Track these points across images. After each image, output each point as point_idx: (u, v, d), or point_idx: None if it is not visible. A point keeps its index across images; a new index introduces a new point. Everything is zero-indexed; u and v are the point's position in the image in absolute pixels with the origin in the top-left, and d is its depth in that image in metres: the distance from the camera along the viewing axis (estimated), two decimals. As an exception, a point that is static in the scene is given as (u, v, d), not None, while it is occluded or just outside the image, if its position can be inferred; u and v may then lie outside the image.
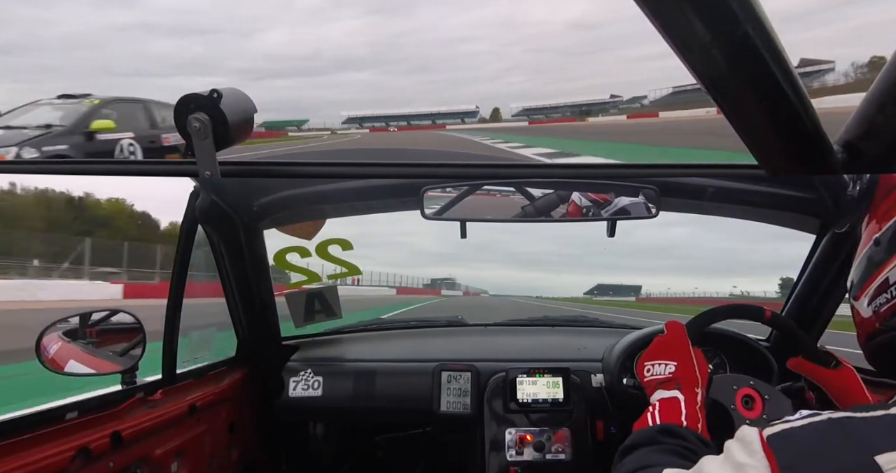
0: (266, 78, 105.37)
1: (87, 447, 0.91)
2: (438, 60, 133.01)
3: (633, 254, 19.88)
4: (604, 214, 1.21)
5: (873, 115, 0.69)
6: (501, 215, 1.22)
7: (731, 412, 1.03)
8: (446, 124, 40.60)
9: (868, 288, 0.62)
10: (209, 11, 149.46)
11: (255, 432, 1.58)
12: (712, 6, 0.46)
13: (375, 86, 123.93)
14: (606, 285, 13.13)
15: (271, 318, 1.63)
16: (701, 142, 11.55)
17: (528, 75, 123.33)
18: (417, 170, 1.15)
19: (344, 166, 1.15)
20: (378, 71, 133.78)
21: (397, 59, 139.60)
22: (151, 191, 5.94)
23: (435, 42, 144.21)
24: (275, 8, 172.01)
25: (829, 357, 1.07)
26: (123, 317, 1.21)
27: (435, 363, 1.54)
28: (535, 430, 1.40)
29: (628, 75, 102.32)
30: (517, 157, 12.26)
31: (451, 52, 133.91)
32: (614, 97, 44.88)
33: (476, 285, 23.64)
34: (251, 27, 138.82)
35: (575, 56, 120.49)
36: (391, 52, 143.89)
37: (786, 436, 0.47)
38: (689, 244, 27.93)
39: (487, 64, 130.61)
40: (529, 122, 38.54)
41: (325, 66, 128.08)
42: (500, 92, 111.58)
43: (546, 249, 29.05)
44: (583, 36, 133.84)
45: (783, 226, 1.50)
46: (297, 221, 1.55)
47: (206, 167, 0.82)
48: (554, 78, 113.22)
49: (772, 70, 0.55)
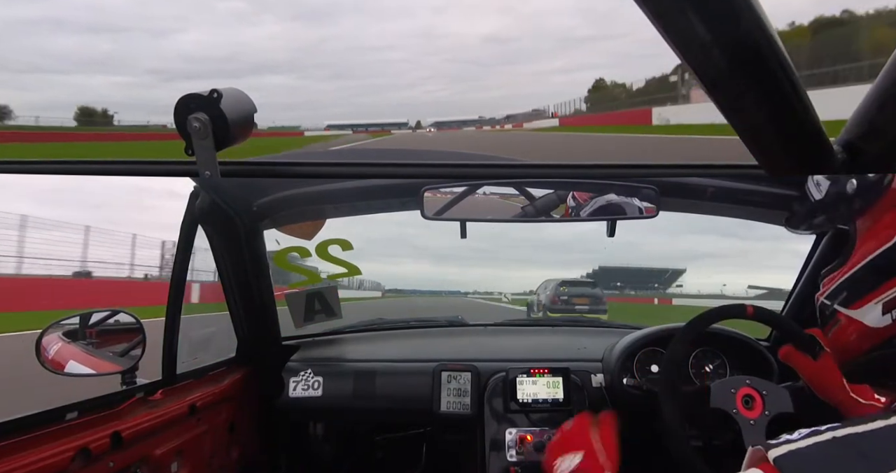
0: (178, 79, 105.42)
1: (86, 447, 0.91)
2: (357, 67, 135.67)
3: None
4: (602, 214, 1.21)
5: (873, 115, 0.69)
6: (501, 215, 1.22)
7: (734, 416, 1.04)
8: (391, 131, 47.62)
9: (884, 293, 0.58)
10: (123, 10, 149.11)
11: (256, 432, 1.58)
12: (712, 6, 0.46)
13: (293, 90, 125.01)
14: (571, 280, 10.84)
15: (271, 318, 1.63)
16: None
17: (444, 84, 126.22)
18: (417, 170, 1.14)
19: (344, 166, 1.15)
20: (296, 75, 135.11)
21: (316, 65, 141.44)
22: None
23: (354, 49, 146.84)
24: (193, 9, 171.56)
25: (814, 343, 1.08)
26: (123, 318, 1.22)
27: (435, 363, 1.54)
28: (535, 430, 1.40)
29: (535, 86, 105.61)
30: (515, 157, 12.39)
31: (370, 59, 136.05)
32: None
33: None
34: (166, 27, 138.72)
35: (488, 67, 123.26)
36: (310, 57, 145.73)
37: (795, 457, 0.46)
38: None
39: (406, 72, 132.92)
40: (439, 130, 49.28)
41: (242, 69, 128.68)
42: (418, 99, 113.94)
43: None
44: (496, 49, 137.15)
45: (783, 226, 1.50)
46: (297, 221, 1.55)
47: (206, 167, 0.82)
48: (469, 87, 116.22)
49: (772, 70, 0.55)
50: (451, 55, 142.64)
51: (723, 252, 30.61)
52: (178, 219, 1.31)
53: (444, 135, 33.54)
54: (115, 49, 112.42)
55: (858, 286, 0.61)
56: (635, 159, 6.40)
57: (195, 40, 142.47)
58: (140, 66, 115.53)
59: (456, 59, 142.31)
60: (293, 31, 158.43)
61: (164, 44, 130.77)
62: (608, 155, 11.41)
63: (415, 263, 32.47)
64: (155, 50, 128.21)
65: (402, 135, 35.04)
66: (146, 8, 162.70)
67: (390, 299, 19.37)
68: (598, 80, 33.40)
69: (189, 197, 1.31)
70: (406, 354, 1.67)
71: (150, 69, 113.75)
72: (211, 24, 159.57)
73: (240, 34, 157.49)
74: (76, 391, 1.00)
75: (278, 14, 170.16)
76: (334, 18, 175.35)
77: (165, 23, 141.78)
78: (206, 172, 0.82)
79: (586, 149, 13.18)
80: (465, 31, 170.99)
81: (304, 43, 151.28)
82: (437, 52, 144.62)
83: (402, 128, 48.06)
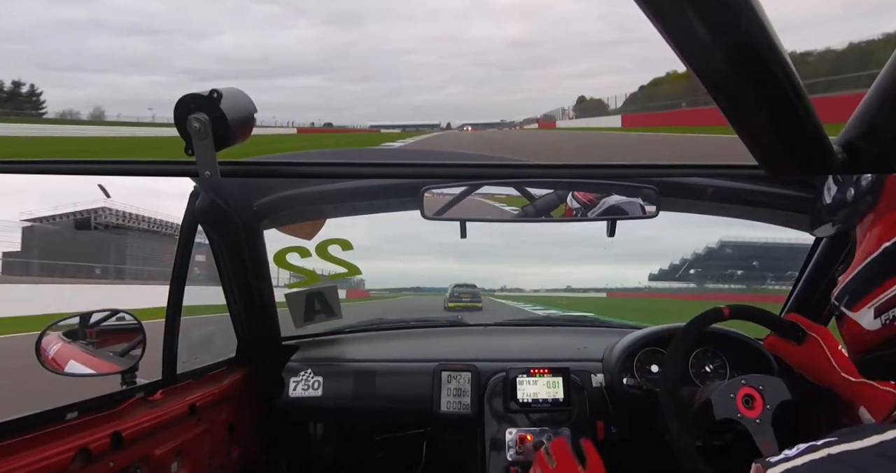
0: (210, 79, 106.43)
1: (87, 447, 0.91)
2: (383, 69, 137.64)
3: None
4: (603, 214, 1.21)
5: (873, 115, 0.69)
6: (501, 215, 1.23)
7: (740, 421, 1.04)
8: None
9: (875, 298, 0.59)
10: (163, 13, 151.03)
11: (256, 432, 1.58)
12: (712, 6, 0.46)
13: (322, 91, 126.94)
14: (461, 283, 13.35)
15: (271, 318, 1.63)
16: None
17: (468, 87, 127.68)
18: (417, 170, 1.14)
19: (344, 166, 1.15)
20: (326, 77, 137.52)
21: (345, 67, 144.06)
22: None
23: (382, 52, 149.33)
24: (229, 13, 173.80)
25: (796, 329, 1.08)
26: (123, 318, 1.22)
27: (435, 363, 1.54)
28: (535, 430, 1.40)
29: (557, 90, 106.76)
30: (516, 157, 12.46)
31: (396, 62, 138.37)
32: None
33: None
34: (202, 29, 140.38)
35: (513, 71, 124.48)
36: (340, 59, 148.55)
37: None
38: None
39: (430, 74, 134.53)
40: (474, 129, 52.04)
41: (274, 70, 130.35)
42: (442, 102, 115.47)
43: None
44: (521, 53, 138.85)
45: (784, 226, 1.50)
46: (297, 221, 1.55)
47: (206, 167, 0.82)
48: (493, 89, 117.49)
49: (772, 70, 0.55)
50: (476, 59, 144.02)
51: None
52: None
53: (479, 134, 36.03)
54: (151, 50, 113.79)
55: (857, 289, 0.62)
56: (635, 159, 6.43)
57: (229, 42, 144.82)
58: (174, 67, 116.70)
59: (480, 63, 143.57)
60: (324, 35, 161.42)
61: (199, 45, 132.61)
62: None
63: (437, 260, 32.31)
64: (190, 51, 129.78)
65: (447, 134, 37.97)
66: (184, 12, 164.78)
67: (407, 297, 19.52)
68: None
69: (189, 197, 1.31)
70: (406, 354, 1.67)
71: (183, 69, 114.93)
72: (245, 27, 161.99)
73: (273, 37, 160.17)
74: (77, 390, 1.00)
75: (311, 18, 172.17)
76: (364, 22, 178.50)
77: (202, 26, 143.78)
78: (207, 172, 0.82)
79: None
80: (491, 35, 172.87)
81: (335, 46, 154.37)
82: (463, 55, 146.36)
83: (434, 130, 49.11)
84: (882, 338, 0.59)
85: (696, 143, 12.32)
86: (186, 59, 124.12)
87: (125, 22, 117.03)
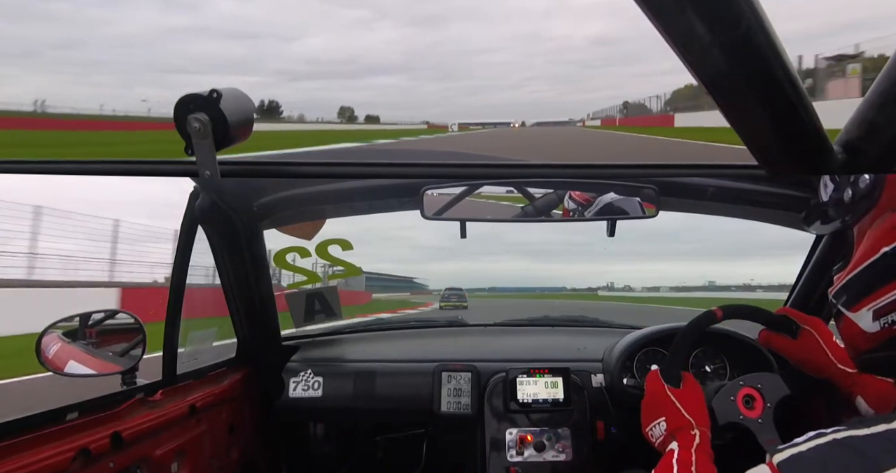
0: (301, 79, 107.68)
1: (87, 447, 0.91)
2: (463, 68, 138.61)
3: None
4: (601, 214, 1.21)
5: (873, 116, 0.69)
6: (501, 215, 1.23)
7: (743, 423, 1.04)
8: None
9: (874, 301, 0.60)
10: (258, 19, 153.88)
11: (256, 432, 1.58)
12: (712, 6, 0.46)
13: (403, 90, 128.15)
14: (451, 287, 14.70)
15: (271, 318, 1.63)
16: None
17: (548, 85, 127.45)
18: (417, 170, 1.14)
19: (344, 166, 1.15)
20: (407, 76, 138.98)
21: (426, 67, 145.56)
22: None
23: (462, 52, 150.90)
24: (319, 17, 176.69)
25: (789, 323, 1.08)
26: (123, 318, 1.21)
27: (435, 363, 1.54)
28: (535, 430, 1.40)
29: (638, 87, 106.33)
30: (517, 157, 12.44)
31: (475, 62, 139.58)
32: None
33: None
34: (294, 33, 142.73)
35: (593, 69, 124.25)
36: (422, 60, 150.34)
37: (795, 461, 0.48)
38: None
39: (511, 73, 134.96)
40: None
41: (359, 70, 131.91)
42: (521, 99, 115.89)
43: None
44: (601, 51, 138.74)
45: (784, 226, 1.50)
46: (297, 221, 1.55)
47: (205, 167, 0.82)
48: (572, 88, 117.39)
49: (772, 70, 0.55)
50: (556, 56, 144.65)
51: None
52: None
53: (525, 130, 38.37)
54: (247, 53, 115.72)
55: (855, 290, 0.63)
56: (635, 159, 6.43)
57: (319, 44, 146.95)
58: (268, 68, 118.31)
59: (558, 61, 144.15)
60: (408, 36, 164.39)
61: (289, 49, 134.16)
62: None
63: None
64: (282, 53, 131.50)
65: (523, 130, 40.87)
66: (278, 16, 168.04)
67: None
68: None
69: (189, 197, 1.31)
70: (406, 354, 1.67)
71: (276, 70, 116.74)
72: (334, 30, 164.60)
73: (360, 38, 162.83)
74: (77, 391, 1.00)
75: (396, 20, 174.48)
76: (446, 24, 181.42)
77: (294, 30, 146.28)
78: (206, 172, 0.82)
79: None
80: (572, 33, 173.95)
81: (417, 46, 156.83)
82: (543, 53, 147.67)
83: (498, 127, 50.28)
84: (881, 340, 0.59)
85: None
86: (279, 61, 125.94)
87: (224, 26, 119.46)
